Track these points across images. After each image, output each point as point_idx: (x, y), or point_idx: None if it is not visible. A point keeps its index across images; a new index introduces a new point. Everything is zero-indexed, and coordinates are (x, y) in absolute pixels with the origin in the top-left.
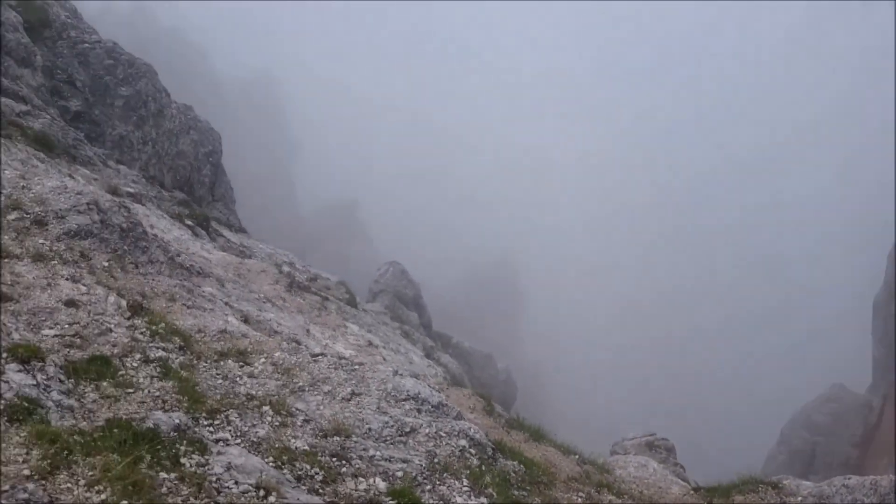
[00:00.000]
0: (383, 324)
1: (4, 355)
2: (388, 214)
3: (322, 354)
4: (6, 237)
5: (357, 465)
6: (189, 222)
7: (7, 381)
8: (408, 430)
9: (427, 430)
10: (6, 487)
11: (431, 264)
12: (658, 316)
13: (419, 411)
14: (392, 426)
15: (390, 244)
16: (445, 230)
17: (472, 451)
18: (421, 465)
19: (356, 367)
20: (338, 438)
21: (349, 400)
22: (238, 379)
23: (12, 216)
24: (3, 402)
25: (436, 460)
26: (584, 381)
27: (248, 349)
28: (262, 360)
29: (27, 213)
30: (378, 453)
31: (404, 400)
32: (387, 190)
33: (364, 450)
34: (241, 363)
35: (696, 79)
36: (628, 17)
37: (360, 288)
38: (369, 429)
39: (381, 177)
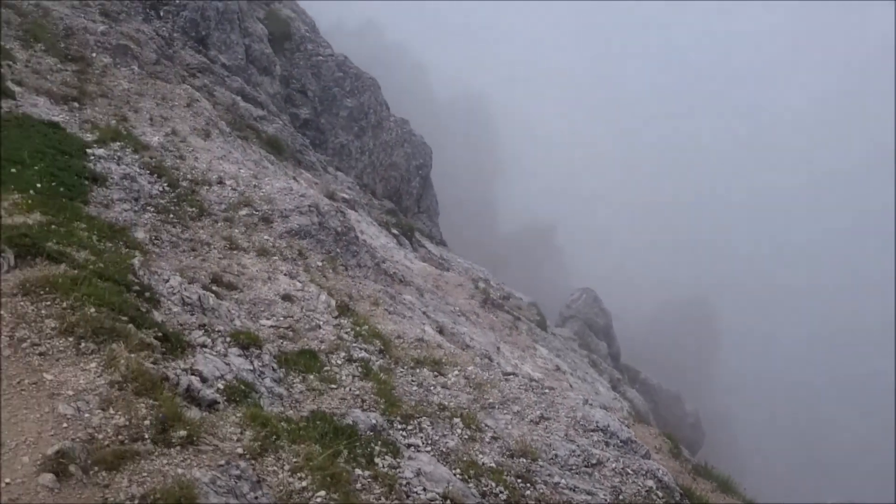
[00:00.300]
0: (571, 350)
1: (228, 339)
2: (585, 239)
3: (513, 374)
4: (236, 230)
5: (541, 490)
6: (395, 231)
7: (229, 364)
8: (594, 461)
9: (614, 465)
10: (222, 462)
11: (625, 294)
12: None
13: (607, 444)
14: (579, 455)
15: (584, 270)
16: (643, 260)
17: (659, 493)
18: (605, 500)
19: (546, 390)
20: (524, 460)
21: (537, 423)
22: (432, 388)
23: (243, 212)
24: (223, 381)
25: (621, 497)
26: (775, 439)
27: (443, 360)
28: (456, 372)
29: (256, 210)
30: (563, 481)
31: (593, 430)
32: (587, 214)
33: (549, 475)
34: (435, 373)
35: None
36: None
37: (551, 311)
38: (556, 455)
39: (582, 200)
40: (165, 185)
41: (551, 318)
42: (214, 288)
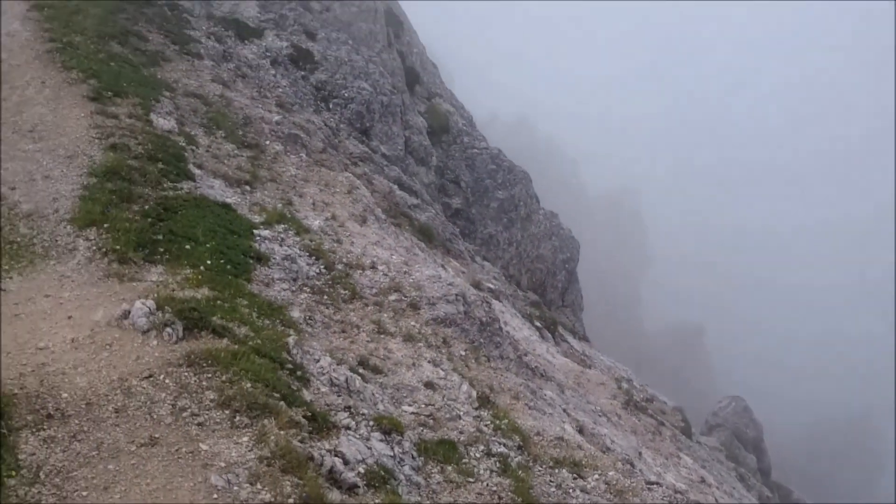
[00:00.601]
0: (717, 461)
1: (371, 423)
2: (735, 345)
3: (657, 483)
4: (385, 315)
5: None
6: (538, 324)
7: (371, 448)
8: None
9: None
10: None
11: (777, 407)
12: None
13: None
14: None
15: (733, 376)
16: (798, 373)
17: None
18: None
19: None
20: None
21: None
22: (571, 490)
23: (393, 297)
24: (364, 465)
25: None
26: None
27: (583, 461)
28: (596, 476)
29: (405, 296)
30: None
31: None
32: (738, 318)
33: None
34: (574, 475)
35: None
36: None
37: (696, 418)
38: None
39: (733, 304)
40: (322, 267)
41: (696, 426)
42: (361, 370)
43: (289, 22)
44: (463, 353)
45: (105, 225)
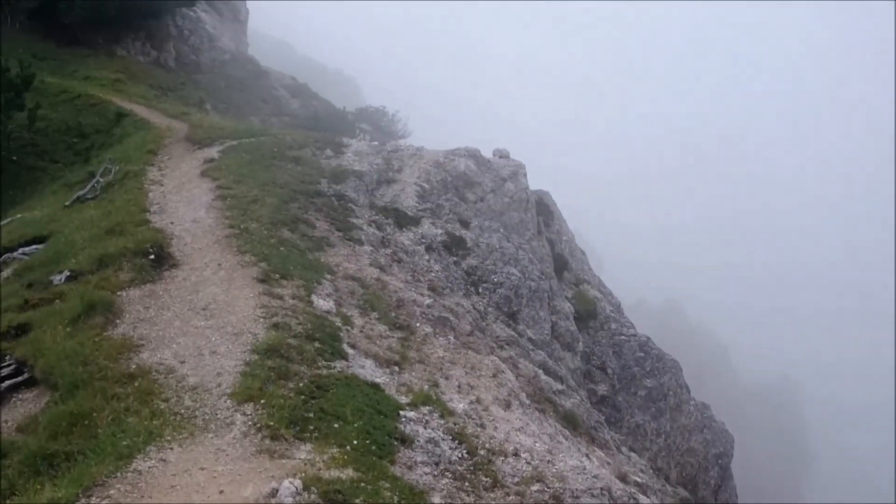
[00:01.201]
0: None
1: None
2: None
3: None
4: None
5: None
6: None
7: None
8: None
9: None
10: None
11: None
12: None
13: None
14: None
15: None
16: None
17: None
18: None
19: None
20: None
21: None
22: None
23: (535, 487)
24: None
25: None
26: None
27: None
28: None
29: (548, 487)
30: None
31: None
32: None
33: None
34: None
35: None
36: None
37: None
38: None
39: None
40: (465, 451)
41: None
42: None
43: (444, 211)
44: None
45: (262, 401)
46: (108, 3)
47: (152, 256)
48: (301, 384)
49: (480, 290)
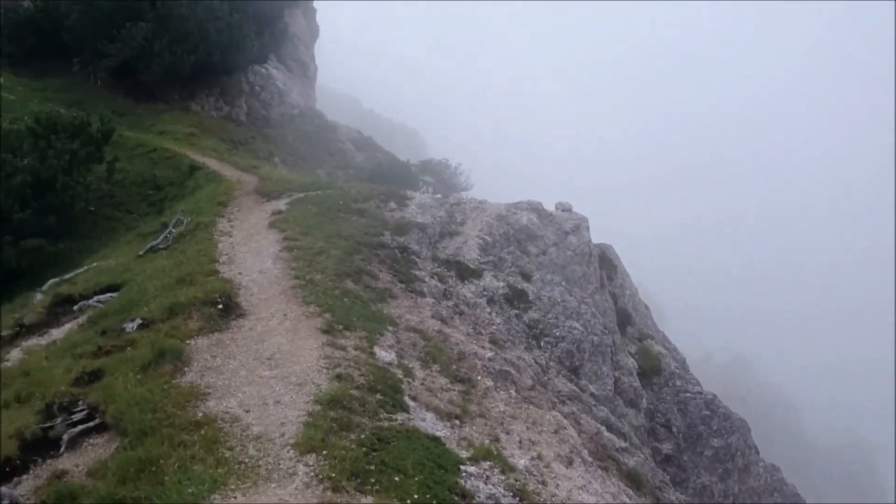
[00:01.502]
0: None
1: None
2: None
3: None
4: None
5: None
6: None
7: None
8: None
9: None
10: None
11: None
12: None
13: None
14: None
15: None
16: None
17: None
18: None
19: None
20: None
21: None
22: None
23: None
24: None
25: None
26: None
27: None
28: None
29: None
30: None
31: None
32: None
33: None
34: None
35: None
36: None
37: None
38: None
39: None
40: None
41: None
42: None
43: (506, 264)
44: None
45: (324, 452)
46: (185, 61)
47: (220, 306)
48: (363, 436)
49: (542, 343)
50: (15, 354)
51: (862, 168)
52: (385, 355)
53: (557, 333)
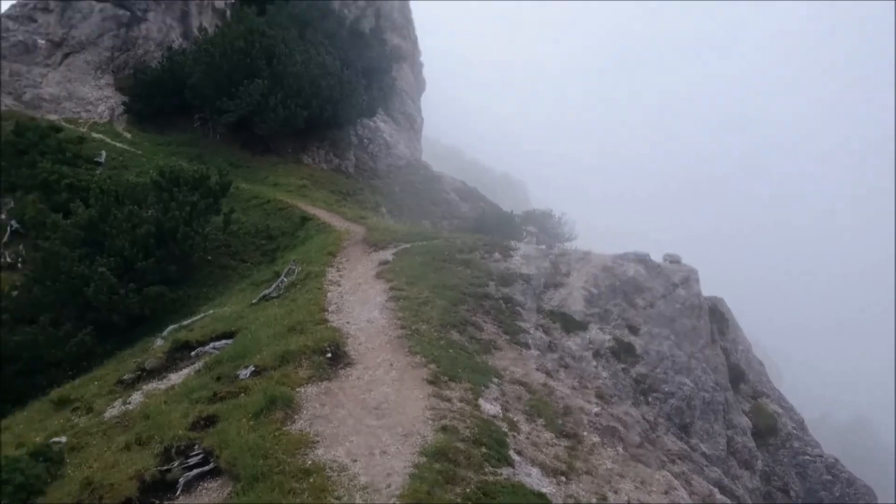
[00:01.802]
0: None
1: None
2: None
3: None
4: None
5: None
6: None
7: None
8: None
9: None
10: None
11: None
12: None
13: None
14: None
15: None
16: None
17: None
18: None
19: None
20: None
21: None
22: None
23: None
24: None
25: None
26: None
27: None
28: None
29: None
30: None
31: None
32: None
33: None
34: None
35: None
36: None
37: None
38: None
39: None
40: None
41: None
42: None
43: (613, 316)
44: None
45: None
46: (298, 115)
47: (329, 355)
48: (468, 490)
49: (650, 399)
50: (136, 398)
51: None
52: (490, 408)
53: (666, 389)
